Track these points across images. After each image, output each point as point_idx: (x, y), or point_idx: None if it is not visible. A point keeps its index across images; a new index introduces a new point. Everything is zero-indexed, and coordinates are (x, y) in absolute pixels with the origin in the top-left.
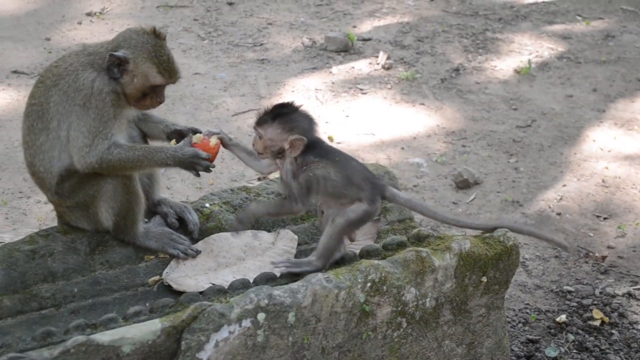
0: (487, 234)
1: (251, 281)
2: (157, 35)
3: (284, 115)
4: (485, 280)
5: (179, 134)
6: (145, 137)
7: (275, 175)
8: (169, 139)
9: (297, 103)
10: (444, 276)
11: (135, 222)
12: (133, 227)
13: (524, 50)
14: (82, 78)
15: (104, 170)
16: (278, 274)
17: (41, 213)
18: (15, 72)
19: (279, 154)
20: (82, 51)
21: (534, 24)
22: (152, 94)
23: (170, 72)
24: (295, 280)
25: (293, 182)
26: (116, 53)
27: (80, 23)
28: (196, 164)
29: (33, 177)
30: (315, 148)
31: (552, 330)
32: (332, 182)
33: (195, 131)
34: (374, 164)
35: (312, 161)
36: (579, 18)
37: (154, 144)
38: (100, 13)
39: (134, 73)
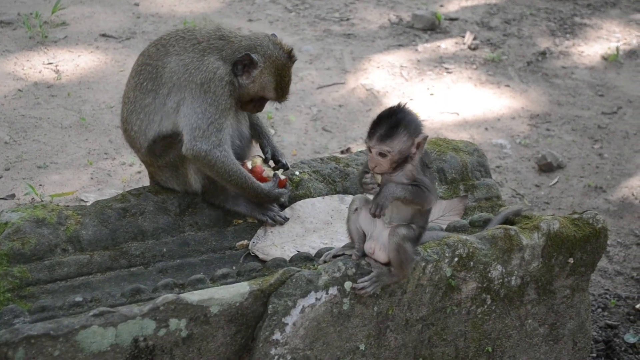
0: (576, 215)
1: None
2: (290, 57)
3: (403, 120)
4: (572, 261)
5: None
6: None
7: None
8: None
9: (401, 103)
10: (531, 255)
11: (225, 187)
12: (223, 191)
13: (612, 37)
14: (207, 61)
15: (204, 163)
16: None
17: (125, 175)
18: (103, 35)
19: (403, 162)
20: (214, 32)
21: (623, 11)
22: (257, 103)
23: (283, 93)
24: None
25: (424, 178)
26: (252, 54)
27: None
28: (276, 202)
29: (125, 133)
30: None
31: (632, 317)
32: (435, 191)
33: (283, 166)
34: (463, 141)
35: (429, 162)
36: None
37: None
38: None
39: (255, 79)
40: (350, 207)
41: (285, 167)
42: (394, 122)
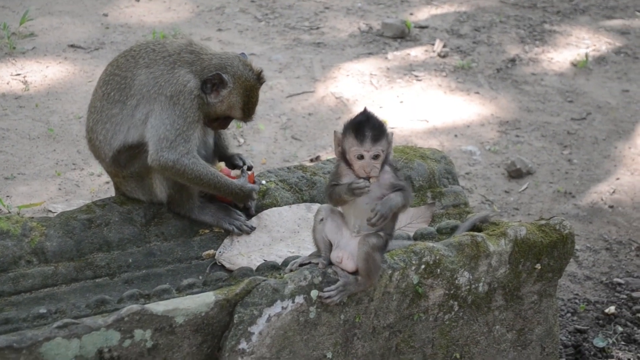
0: (543, 221)
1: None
2: (259, 78)
3: (379, 120)
4: (539, 267)
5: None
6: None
7: (330, 156)
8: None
9: (365, 107)
10: (498, 261)
11: (191, 197)
12: (189, 201)
13: (581, 43)
14: (178, 74)
15: (173, 172)
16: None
17: (94, 185)
18: (72, 46)
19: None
20: (186, 45)
21: (592, 18)
22: (222, 121)
23: (249, 114)
24: None
25: (401, 181)
26: (222, 74)
27: (137, 0)
28: (249, 198)
29: (89, 143)
30: None
31: (601, 322)
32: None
33: (248, 167)
34: (430, 149)
35: (395, 164)
36: (638, 14)
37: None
38: None
39: (223, 99)
40: (316, 217)
41: (248, 168)
42: (376, 123)
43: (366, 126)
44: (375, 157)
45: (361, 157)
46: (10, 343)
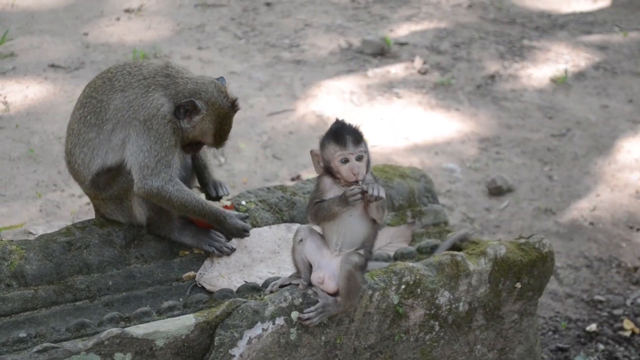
0: (523, 240)
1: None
2: (233, 106)
3: (355, 125)
4: (520, 286)
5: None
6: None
7: (311, 175)
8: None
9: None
10: (478, 281)
11: (171, 218)
12: (168, 222)
13: (561, 59)
14: (152, 98)
15: (159, 199)
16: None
17: (74, 206)
18: (52, 65)
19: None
20: (162, 68)
21: (571, 34)
22: (194, 146)
23: (221, 141)
24: None
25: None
26: (196, 101)
27: (118, 19)
28: (237, 235)
29: (68, 165)
30: None
31: (582, 339)
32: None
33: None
34: (410, 167)
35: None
36: (617, 29)
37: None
38: (139, 10)
39: (195, 125)
40: (295, 237)
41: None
42: (353, 127)
43: (344, 131)
44: (359, 158)
45: (346, 160)
46: None
